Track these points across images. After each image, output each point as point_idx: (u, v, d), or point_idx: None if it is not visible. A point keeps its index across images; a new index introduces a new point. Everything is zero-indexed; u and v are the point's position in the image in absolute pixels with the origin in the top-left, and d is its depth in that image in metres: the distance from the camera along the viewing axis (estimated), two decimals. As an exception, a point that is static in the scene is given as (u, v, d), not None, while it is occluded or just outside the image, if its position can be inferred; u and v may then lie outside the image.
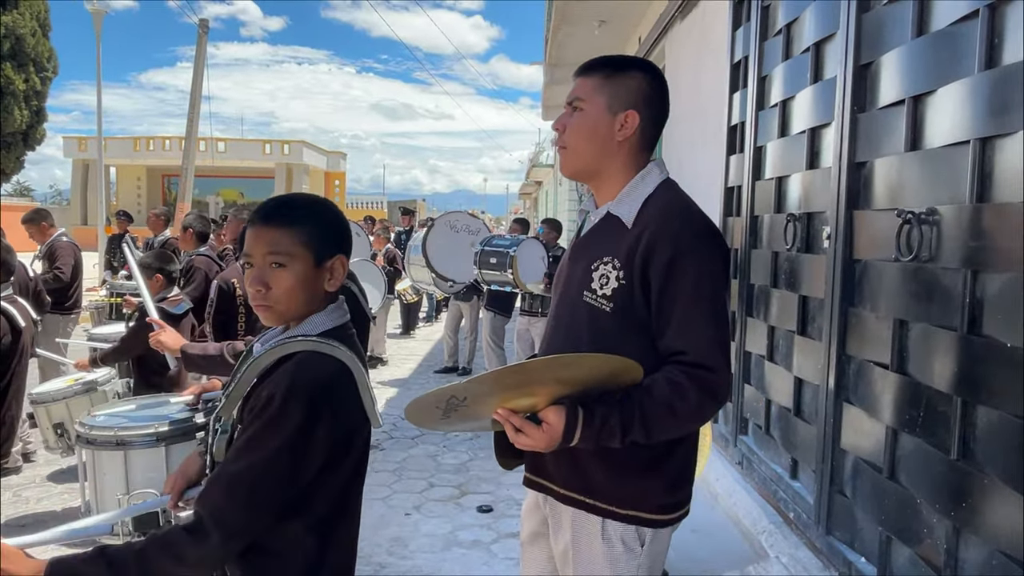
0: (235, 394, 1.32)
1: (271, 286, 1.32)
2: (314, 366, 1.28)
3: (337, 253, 1.37)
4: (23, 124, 12.38)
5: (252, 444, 1.24)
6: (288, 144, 34.21)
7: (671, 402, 1.40)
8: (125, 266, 9.60)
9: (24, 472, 4.71)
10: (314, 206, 1.40)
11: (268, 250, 1.33)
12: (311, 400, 1.24)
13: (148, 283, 3.77)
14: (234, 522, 1.22)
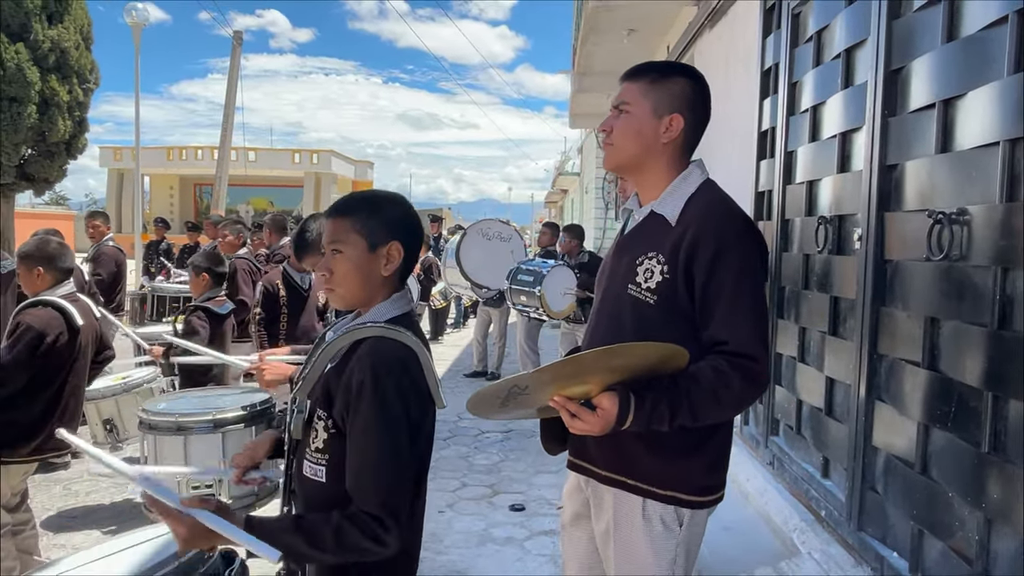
0: (311, 376, 1.42)
1: (333, 270, 1.46)
2: (385, 350, 1.39)
3: (391, 240, 1.47)
4: (66, 134, 12.78)
5: (368, 429, 1.34)
6: (317, 154, 34.73)
7: (715, 389, 1.48)
8: (163, 271, 9.88)
9: (72, 467, 4.90)
10: (372, 198, 1.53)
11: (330, 239, 1.47)
12: (393, 377, 1.36)
13: (196, 282, 3.93)
14: (397, 502, 1.34)
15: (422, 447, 1.46)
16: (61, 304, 2.94)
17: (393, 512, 1.33)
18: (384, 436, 1.34)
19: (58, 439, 3.00)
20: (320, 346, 1.53)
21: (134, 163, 15.67)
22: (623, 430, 1.48)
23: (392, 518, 1.32)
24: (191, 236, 10.37)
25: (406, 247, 1.49)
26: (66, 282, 3.04)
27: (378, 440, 1.34)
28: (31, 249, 2.99)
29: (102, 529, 3.92)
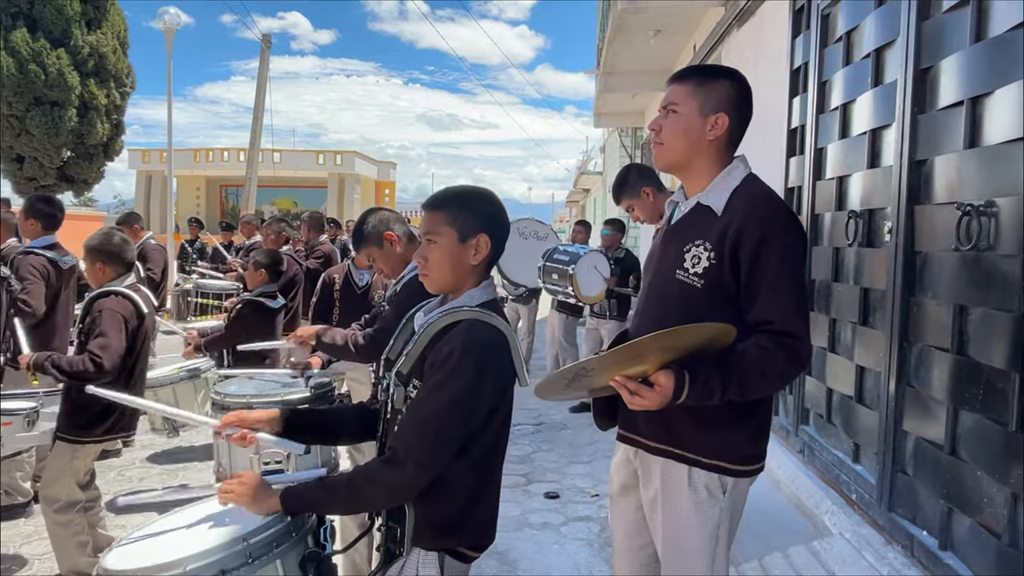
0: (413, 352, 1.59)
1: (427, 258, 1.63)
2: (480, 331, 1.56)
3: (479, 232, 1.63)
4: (104, 137, 13.18)
5: (436, 391, 1.51)
6: (340, 155, 35.05)
7: (762, 365, 1.62)
8: (196, 270, 10.13)
9: (124, 455, 5.12)
10: (462, 193, 1.70)
11: (425, 229, 1.65)
12: (481, 357, 1.52)
13: (254, 276, 4.13)
14: (424, 455, 1.50)
15: (496, 425, 1.61)
16: (128, 294, 3.14)
17: (416, 459, 1.49)
18: (446, 398, 1.50)
19: (126, 421, 3.22)
20: (407, 326, 1.72)
21: (163, 165, 16.01)
22: (676, 404, 1.62)
23: (412, 462, 1.49)
24: (224, 235, 10.62)
25: (493, 239, 1.64)
26: (127, 275, 3.24)
27: (438, 400, 1.50)
28: (96, 244, 3.18)
29: (159, 511, 4.11)
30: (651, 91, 10.66)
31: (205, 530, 1.56)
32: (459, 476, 1.57)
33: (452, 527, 1.57)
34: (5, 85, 13.59)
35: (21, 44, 13.16)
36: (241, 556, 1.40)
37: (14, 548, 3.66)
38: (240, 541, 1.42)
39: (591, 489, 4.62)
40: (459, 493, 1.58)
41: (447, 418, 1.50)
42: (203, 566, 1.38)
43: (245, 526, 1.50)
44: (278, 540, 1.47)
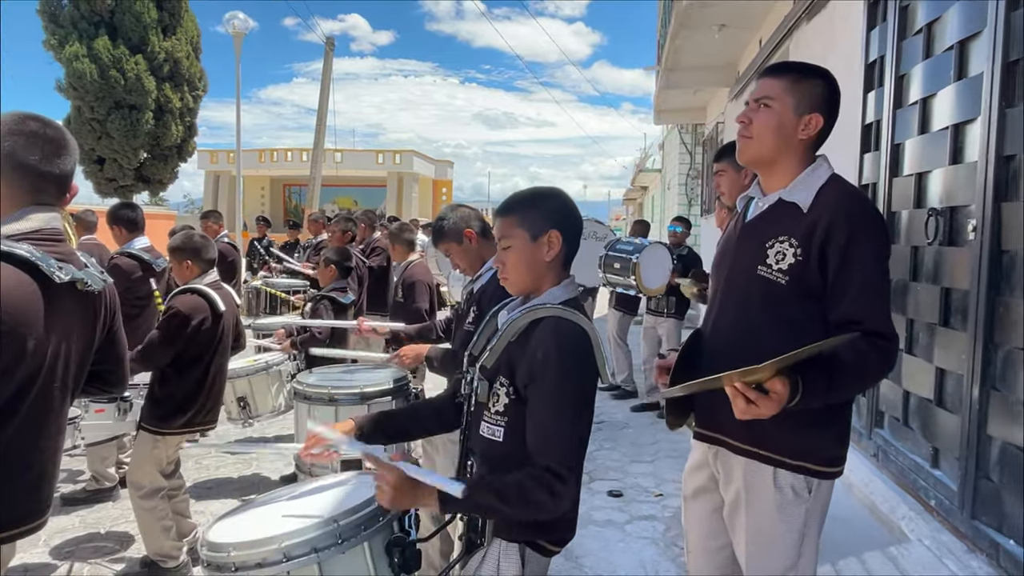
0: (497, 347, 1.63)
1: (504, 262, 1.69)
2: (566, 330, 1.59)
3: (549, 229, 1.66)
4: (178, 138, 13.75)
5: (548, 397, 1.53)
6: (399, 154, 35.57)
7: (858, 367, 1.61)
8: (264, 266, 10.46)
9: (201, 443, 5.34)
10: (530, 194, 1.73)
11: (499, 235, 1.70)
12: (574, 356, 1.56)
13: (324, 273, 4.27)
14: (572, 461, 1.52)
15: (589, 418, 1.64)
16: (206, 291, 3.27)
17: (569, 468, 1.51)
18: (565, 402, 1.53)
19: (204, 416, 3.37)
20: (490, 324, 1.77)
21: (230, 165, 16.52)
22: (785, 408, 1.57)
23: (568, 472, 1.50)
24: (291, 233, 10.95)
25: (564, 234, 1.67)
26: (210, 272, 3.38)
27: (560, 406, 1.53)
28: (180, 243, 3.33)
29: (237, 498, 4.28)
30: (713, 87, 10.49)
31: (298, 511, 1.63)
32: (577, 477, 1.58)
33: (536, 520, 1.60)
34: (88, 90, 14.33)
35: (103, 51, 13.86)
36: (331, 536, 1.47)
37: (103, 530, 3.87)
38: (331, 522, 1.49)
39: (654, 488, 4.60)
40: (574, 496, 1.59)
41: (567, 421, 1.53)
42: (296, 544, 1.46)
43: (335, 508, 1.57)
44: (366, 523, 1.53)
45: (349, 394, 2.73)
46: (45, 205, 1.63)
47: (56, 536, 3.75)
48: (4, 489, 1.56)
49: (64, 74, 16.91)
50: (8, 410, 1.53)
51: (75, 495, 4.21)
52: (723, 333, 1.86)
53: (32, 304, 1.51)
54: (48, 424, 1.65)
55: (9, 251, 1.49)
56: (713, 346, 1.88)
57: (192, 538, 3.45)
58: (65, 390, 1.67)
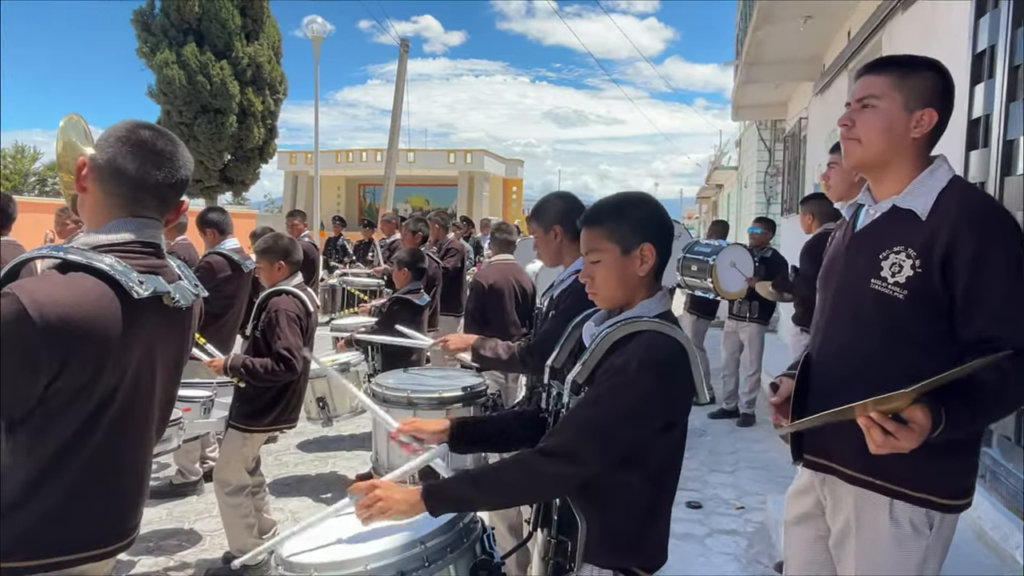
0: (589, 361, 1.56)
1: (593, 277, 1.60)
2: (661, 343, 1.50)
3: (641, 242, 1.57)
4: (259, 140, 14.23)
5: (605, 397, 1.47)
6: (470, 153, 35.80)
7: (1004, 391, 1.46)
8: (343, 263, 10.66)
9: (280, 441, 5.46)
10: (619, 204, 1.63)
11: (587, 249, 1.62)
12: (660, 370, 1.46)
13: (398, 275, 4.28)
14: (579, 453, 1.46)
15: (676, 440, 1.55)
16: (298, 293, 3.32)
17: (570, 454, 1.45)
18: (616, 403, 1.45)
19: (289, 413, 3.42)
20: (573, 334, 1.70)
21: (308, 166, 16.95)
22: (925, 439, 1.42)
23: (565, 456, 1.45)
24: (366, 232, 11.13)
25: (657, 246, 1.58)
26: (297, 273, 3.42)
27: (607, 404, 1.45)
28: (270, 245, 3.39)
29: (314, 497, 4.35)
30: (796, 81, 10.10)
31: (380, 529, 1.58)
32: (636, 490, 1.52)
33: (628, 544, 1.52)
34: (177, 95, 15.03)
35: (190, 57, 14.50)
36: (418, 559, 1.42)
37: (188, 524, 3.98)
38: (417, 544, 1.44)
39: (735, 501, 4.43)
40: (636, 508, 1.53)
41: (609, 424, 1.46)
42: (382, 567, 1.41)
43: (420, 529, 1.52)
44: (451, 545, 1.48)
45: (427, 399, 2.70)
46: (143, 218, 1.58)
47: (144, 527, 3.88)
48: (84, 508, 1.51)
49: (155, 80, 17.77)
50: (88, 426, 1.48)
51: (162, 488, 4.36)
52: (835, 356, 1.72)
53: (109, 318, 1.46)
54: (132, 441, 1.59)
55: (88, 263, 1.45)
56: (825, 370, 1.74)
57: (272, 535, 3.50)
58: (151, 405, 1.63)
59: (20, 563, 1.44)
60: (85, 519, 1.51)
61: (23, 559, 1.45)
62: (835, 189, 3.10)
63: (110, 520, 1.57)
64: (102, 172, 1.53)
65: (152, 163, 1.55)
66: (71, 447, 1.45)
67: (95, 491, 1.52)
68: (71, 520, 1.48)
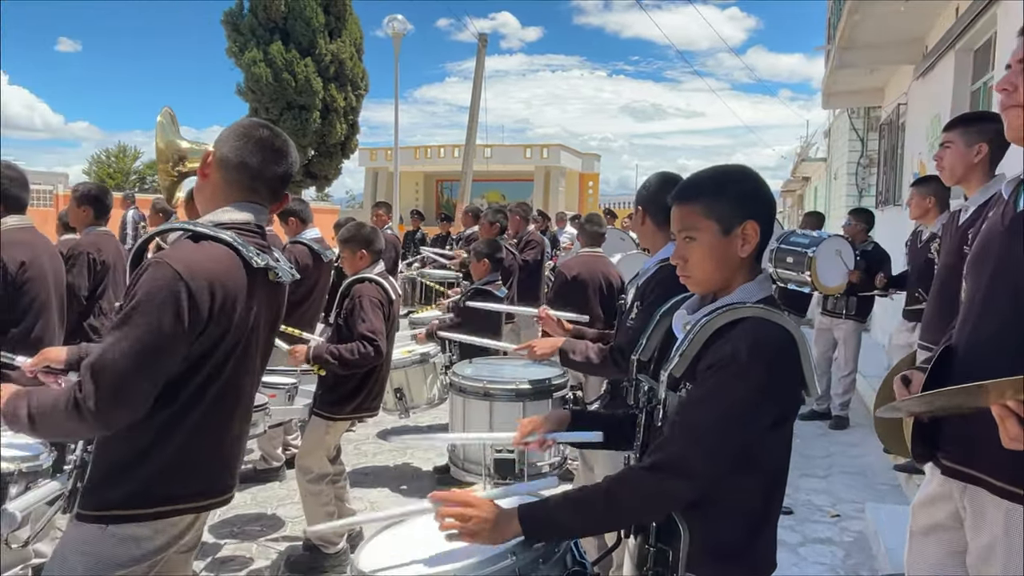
0: (688, 352, 1.42)
1: (687, 258, 1.45)
2: (769, 331, 1.35)
3: (745, 219, 1.42)
4: (342, 136, 14.56)
5: (713, 395, 1.33)
6: (546, 148, 35.70)
7: None
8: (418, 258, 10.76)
9: (359, 430, 5.50)
10: (718, 178, 1.48)
11: (680, 227, 1.47)
12: (772, 361, 1.32)
13: (476, 267, 4.22)
14: (694, 466, 1.32)
15: (786, 438, 1.41)
16: (380, 281, 3.30)
17: (684, 469, 1.31)
18: (724, 402, 1.31)
19: (371, 402, 3.41)
20: (662, 324, 1.57)
21: (388, 162, 17.22)
22: None
23: (679, 472, 1.31)
24: (443, 226, 11.20)
25: (761, 224, 1.43)
26: (379, 262, 3.41)
27: (715, 404, 1.31)
28: (353, 233, 3.39)
29: (392, 487, 4.34)
30: (894, 65, 9.53)
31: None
32: (744, 494, 1.38)
33: (735, 553, 1.39)
34: (264, 93, 15.61)
35: (277, 55, 15.01)
36: (510, 571, 1.31)
37: (271, 509, 4.04)
38: (508, 555, 1.31)
39: (830, 508, 4.17)
40: (745, 513, 1.39)
41: (723, 425, 1.32)
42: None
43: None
44: (543, 556, 1.36)
45: (505, 390, 2.61)
46: (256, 204, 1.77)
47: (228, 511, 3.96)
48: (192, 465, 1.65)
49: (243, 78, 18.48)
50: (203, 389, 1.62)
51: (245, 473, 4.44)
52: (988, 346, 1.52)
53: (239, 281, 1.64)
54: (241, 401, 1.75)
55: (215, 235, 1.64)
56: (973, 362, 1.55)
57: (351, 525, 3.50)
58: (254, 371, 1.78)
59: (132, 511, 1.61)
60: (192, 476, 1.67)
61: (136, 508, 1.61)
62: (951, 171, 2.82)
63: (213, 477, 1.73)
64: (228, 163, 1.73)
65: (271, 158, 1.76)
66: (186, 409, 1.61)
67: (202, 450, 1.67)
68: (180, 477, 1.64)
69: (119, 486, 1.60)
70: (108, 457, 1.62)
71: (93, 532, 1.61)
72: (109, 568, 1.61)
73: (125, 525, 1.61)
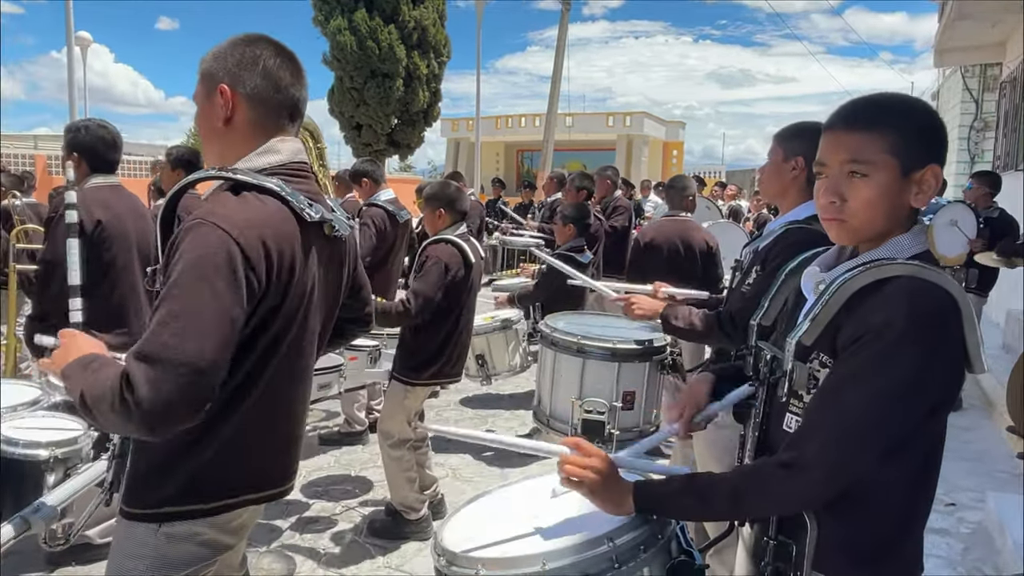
0: (821, 316, 1.21)
1: (847, 198, 1.20)
2: (929, 294, 1.13)
3: (929, 163, 1.19)
4: (424, 104, 14.57)
5: (864, 375, 1.12)
6: (629, 116, 34.87)
7: None
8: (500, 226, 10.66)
9: (441, 397, 5.48)
10: (906, 105, 1.23)
11: (847, 157, 1.20)
12: (931, 330, 1.10)
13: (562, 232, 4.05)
14: (839, 459, 1.13)
15: (944, 421, 1.20)
16: (459, 242, 3.19)
17: (827, 462, 1.12)
18: (879, 384, 1.10)
19: (451, 368, 3.32)
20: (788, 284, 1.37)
21: (470, 132, 17.16)
22: None
23: (821, 466, 1.12)
24: (525, 194, 11.06)
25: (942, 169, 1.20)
26: (461, 223, 3.29)
27: (868, 386, 1.10)
28: (436, 192, 3.30)
29: (473, 455, 4.28)
30: (1019, 15, 8.66)
31: (552, 517, 1.34)
32: (895, 488, 1.17)
33: (877, 555, 1.19)
34: (348, 61, 15.77)
35: (361, 23, 15.10)
36: (605, 559, 1.16)
37: (355, 471, 4.05)
38: (605, 541, 1.17)
39: (944, 496, 3.83)
40: (891, 510, 1.18)
41: (876, 414, 1.11)
42: (563, 566, 1.16)
43: (605, 522, 1.26)
44: (645, 543, 1.20)
45: (600, 348, 2.43)
46: (290, 138, 1.50)
47: (314, 473, 4.00)
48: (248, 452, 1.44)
49: (328, 47, 18.73)
50: (263, 362, 1.39)
51: (330, 436, 4.48)
52: None
53: (293, 238, 1.39)
54: (301, 377, 1.52)
55: (259, 183, 1.37)
56: None
57: (432, 492, 3.45)
58: (314, 341, 1.54)
59: (185, 507, 1.40)
60: (249, 464, 1.46)
61: (188, 504, 1.40)
62: None
63: (272, 464, 1.51)
64: (259, 97, 1.44)
65: (296, 76, 1.49)
66: (240, 390, 1.38)
67: (260, 435, 1.46)
68: (235, 466, 1.43)
69: (168, 480, 1.39)
70: (154, 448, 1.38)
71: (146, 533, 1.40)
72: (174, 567, 1.41)
73: (178, 523, 1.40)
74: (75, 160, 2.86)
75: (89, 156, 2.90)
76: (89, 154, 2.90)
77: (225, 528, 1.46)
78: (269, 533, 3.24)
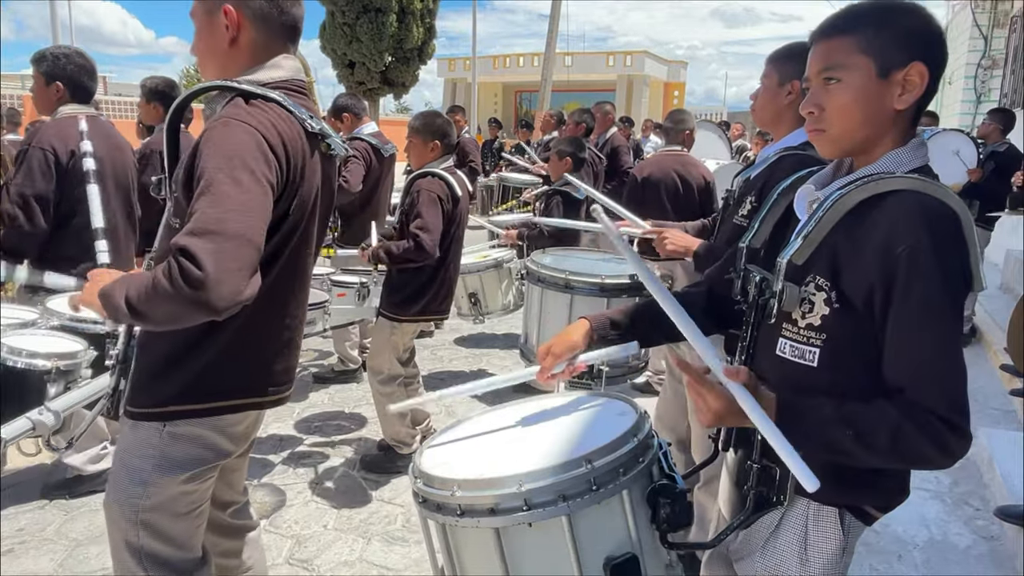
0: (814, 236, 1.16)
1: (824, 105, 1.16)
2: (937, 210, 1.08)
3: (911, 60, 1.12)
4: (419, 41, 14.18)
5: (934, 311, 1.06)
6: (630, 55, 34.13)
7: None
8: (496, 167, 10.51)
9: (436, 336, 5.47)
10: (881, 6, 1.16)
11: (823, 65, 1.16)
12: (958, 251, 1.08)
13: (557, 165, 3.96)
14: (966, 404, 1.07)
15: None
16: (445, 176, 3.11)
17: (962, 412, 1.06)
18: (947, 319, 1.07)
19: (437, 305, 3.28)
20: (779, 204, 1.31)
21: (467, 72, 16.79)
22: None
23: (962, 419, 1.06)
24: (522, 134, 10.84)
25: (931, 71, 1.13)
26: (448, 157, 3.20)
27: (943, 325, 1.07)
28: (427, 122, 3.19)
29: (471, 395, 4.27)
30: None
31: (532, 441, 1.32)
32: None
33: (862, 476, 1.17)
34: (339, -5, 15.43)
35: (352, -45, 14.65)
36: (583, 481, 1.13)
37: (348, 409, 4.06)
38: (583, 463, 1.13)
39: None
40: None
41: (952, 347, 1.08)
42: (539, 488, 1.12)
43: (583, 444, 1.23)
44: (625, 466, 1.16)
45: (588, 283, 2.38)
46: (290, 57, 1.57)
47: (308, 410, 4.00)
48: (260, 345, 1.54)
49: (318, -20, 18.04)
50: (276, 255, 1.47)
51: (324, 374, 4.48)
52: None
53: (300, 144, 1.47)
54: (300, 285, 1.60)
55: (264, 93, 1.44)
56: None
57: (425, 427, 3.46)
58: (312, 249, 1.62)
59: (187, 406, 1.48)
60: (248, 367, 1.53)
61: (190, 403, 1.48)
62: None
63: (269, 369, 1.59)
64: (264, 15, 1.50)
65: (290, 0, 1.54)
66: None
67: (259, 339, 1.54)
68: (235, 368, 1.51)
69: (170, 380, 1.47)
70: (157, 350, 1.47)
71: (151, 432, 1.50)
72: (177, 467, 1.50)
73: (182, 423, 1.50)
74: (57, 89, 2.82)
75: (72, 86, 2.85)
76: (72, 84, 2.85)
77: (226, 432, 1.55)
78: (262, 468, 3.25)
